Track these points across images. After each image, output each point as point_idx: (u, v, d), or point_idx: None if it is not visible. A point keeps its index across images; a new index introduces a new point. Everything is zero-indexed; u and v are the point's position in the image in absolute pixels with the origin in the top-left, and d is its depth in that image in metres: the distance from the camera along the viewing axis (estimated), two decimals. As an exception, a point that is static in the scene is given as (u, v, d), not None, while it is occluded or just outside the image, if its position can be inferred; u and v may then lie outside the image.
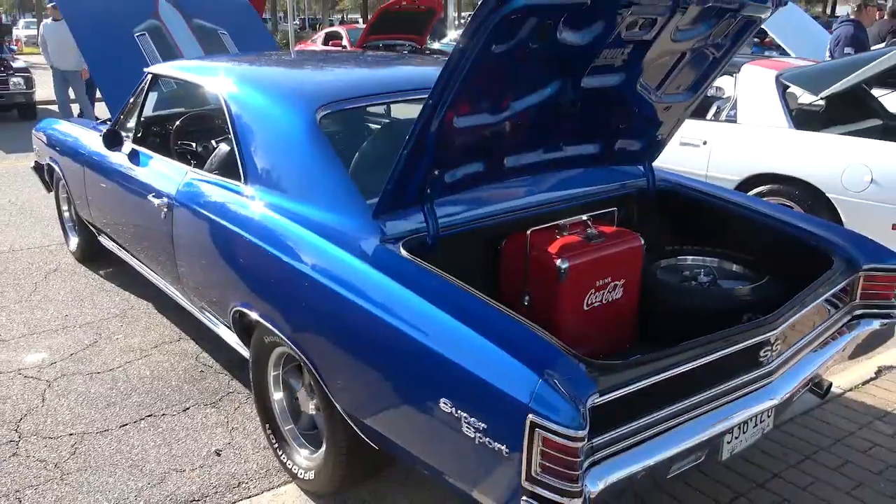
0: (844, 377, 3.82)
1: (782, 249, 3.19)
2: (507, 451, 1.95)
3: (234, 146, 3.28)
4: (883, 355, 4.09)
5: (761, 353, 2.41)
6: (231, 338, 3.37)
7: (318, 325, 2.61)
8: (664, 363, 2.12)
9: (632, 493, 2.21)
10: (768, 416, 2.56)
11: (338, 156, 2.94)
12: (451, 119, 2.44)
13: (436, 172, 2.61)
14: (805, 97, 5.75)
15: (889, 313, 3.01)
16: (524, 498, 1.93)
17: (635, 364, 2.08)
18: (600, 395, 1.96)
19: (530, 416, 1.87)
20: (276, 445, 3.11)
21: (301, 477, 2.96)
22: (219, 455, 3.23)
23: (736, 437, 2.45)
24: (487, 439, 2.00)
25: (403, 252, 2.54)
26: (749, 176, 5.34)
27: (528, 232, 2.83)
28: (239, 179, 3.21)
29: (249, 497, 2.97)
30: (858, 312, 3.00)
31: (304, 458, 2.99)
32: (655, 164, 3.61)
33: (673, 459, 2.19)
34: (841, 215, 4.88)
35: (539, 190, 3.20)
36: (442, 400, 2.11)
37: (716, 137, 5.57)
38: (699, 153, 5.62)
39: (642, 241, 2.99)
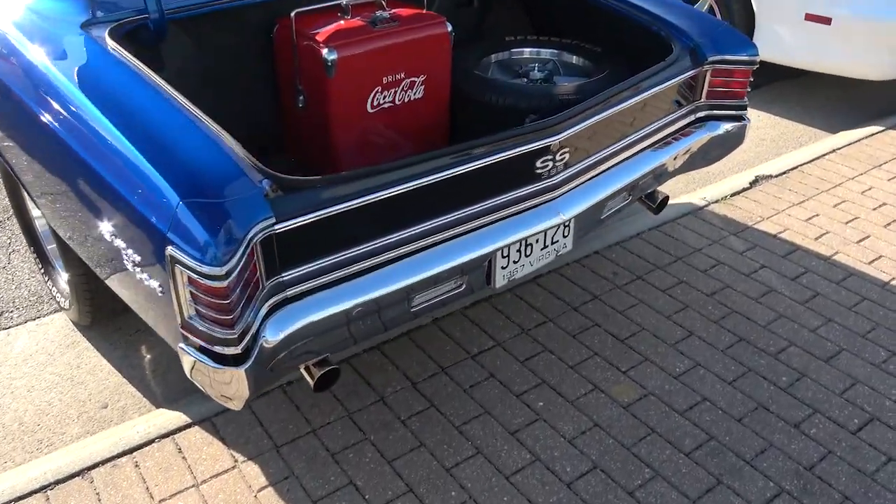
0: (716, 188, 3.46)
1: (632, 39, 2.67)
2: (160, 289, 1.58)
3: None
4: (764, 164, 3.72)
5: (538, 165, 1.99)
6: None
7: (16, 140, 2.12)
8: (377, 180, 1.69)
9: (366, 328, 1.86)
10: (564, 237, 2.20)
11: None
12: None
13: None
14: None
15: (740, 115, 2.57)
16: (181, 345, 1.58)
17: (335, 181, 1.64)
18: (278, 223, 1.55)
19: (169, 248, 1.47)
20: (42, 270, 2.74)
21: (62, 305, 2.62)
22: (-13, 280, 2.88)
23: (515, 262, 2.10)
24: (144, 275, 1.61)
25: (109, 42, 1.99)
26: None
27: (293, 14, 2.27)
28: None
29: (7, 329, 2.66)
30: (703, 114, 2.56)
31: (65, 284, 2.63)
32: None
33: (408, 291, 1.84)
34: (753, 5, 4.27)
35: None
36: (105, 227, 1.70)
37: None
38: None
39: (449, 28, 2.44)
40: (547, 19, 3.11)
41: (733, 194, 3.40)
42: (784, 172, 3.59)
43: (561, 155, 2.02)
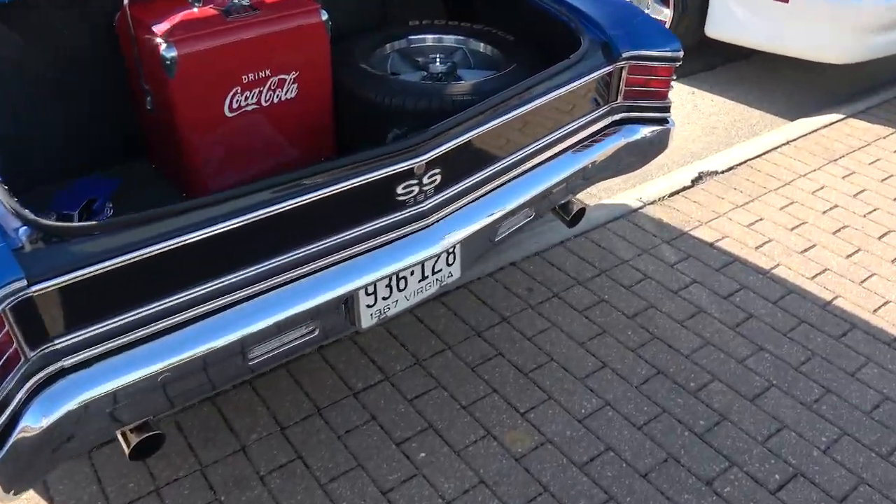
0: (655, 186, 3.16)
1: (543, 28, 2.34)
2: None
3: None
4: (711, 157, 3.42)
5: (401, 191, 1.68)
6: None
7: None
8: (178, 223, 1.37)
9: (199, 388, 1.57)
10: (448, 264, 1.91)
11: None
12: None
13: None
14: None
15: (662, 118, 2.26)
16: (-83, 435, 1.29)
17: (119, 225, 1.33)
18: (35, 283, 1.24)
19: None
20: None
21: None
22: None
23: (385, 298, 1.81)
24: None
25: None
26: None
27: (126, 1, 1.92)
28: None
29: None
30: (620, 117, 2.24)
31: None
32: None
33: (237, 346, 1.54)
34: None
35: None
36: None
37: None
38: None
39: (324, 17, 2.10)
40: (461, 4, 2.77)
41: (672, 194, 3.10)
42: (731, 168, 3.29)
43: (430, 178, 1.71)
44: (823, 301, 2.52)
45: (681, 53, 2.16)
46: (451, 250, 1.90)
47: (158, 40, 1.87)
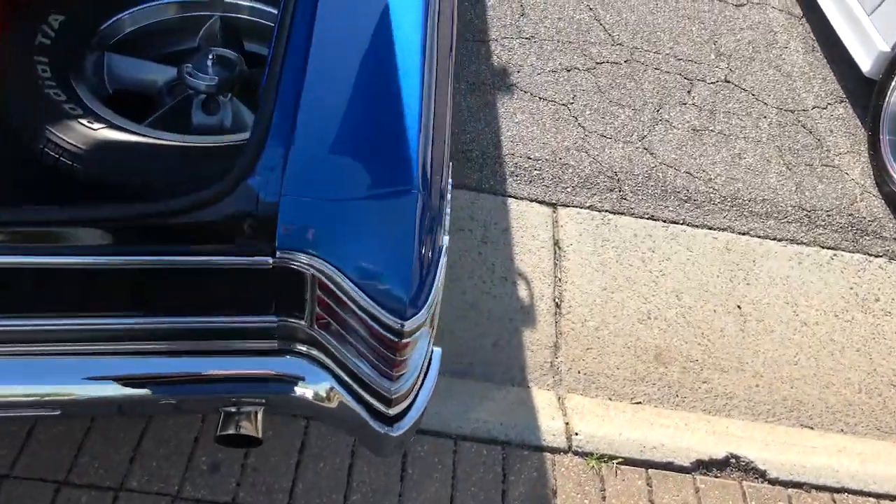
0: (633, 430, 1.77)
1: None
2: None
3: None
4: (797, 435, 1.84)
5: None
6: None
7: None
8: None
9: None
10: None
11: None
12: None
13: None
14: None
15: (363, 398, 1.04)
16: None
17: None
18: None
19: None
20: None
21: None
22: None
23: None
24: None
25: None
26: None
27: None
28: None
29: None
30: (306, 350, 1.07)
31: None
32: None
33: None
34: None
35: None
36: None
37: None
38: None
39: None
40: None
41: (635, 462, 1.69)
42: (799, 484, 1.71)
43: None
44: None
45: (406, 326, 0.89)
46: None
47: None
